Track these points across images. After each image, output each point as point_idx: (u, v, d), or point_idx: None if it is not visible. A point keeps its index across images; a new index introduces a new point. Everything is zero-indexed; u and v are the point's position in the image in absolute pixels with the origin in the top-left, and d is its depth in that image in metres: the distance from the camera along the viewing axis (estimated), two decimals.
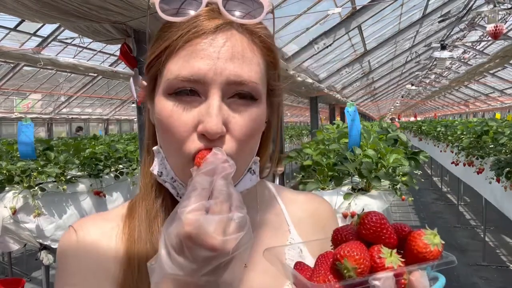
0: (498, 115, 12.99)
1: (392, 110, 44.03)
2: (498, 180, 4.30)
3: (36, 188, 3.13)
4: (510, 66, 13.80)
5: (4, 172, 3.19)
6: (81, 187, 3.68)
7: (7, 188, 3.15)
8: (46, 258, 3.18)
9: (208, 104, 0.56)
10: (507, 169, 4.11)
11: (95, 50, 10.45)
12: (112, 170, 4.40)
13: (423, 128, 12.27)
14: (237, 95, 0.57)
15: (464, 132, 6.66)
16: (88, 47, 9.59)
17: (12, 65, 10.39)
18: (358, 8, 6.81)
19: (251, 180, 0.63)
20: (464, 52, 14.95)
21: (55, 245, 3.15)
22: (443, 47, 10.28)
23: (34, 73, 12.12)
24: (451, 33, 11.12)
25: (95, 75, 11.96)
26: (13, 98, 14.47)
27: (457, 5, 8.54)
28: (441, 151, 8.48)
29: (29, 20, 2.68)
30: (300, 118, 35.80)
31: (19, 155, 3.45)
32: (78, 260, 0.64)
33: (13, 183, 3.17)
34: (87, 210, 3.68)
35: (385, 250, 0.47)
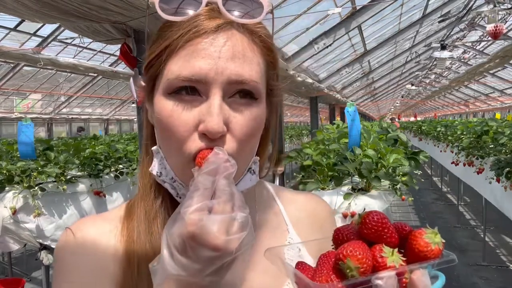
0: (498, 115, 12.98)
1: (392, 110, 44.01)
2: (498, 180, 4.30)
3: (36, 188, 3.13)
4: (510, 66, 13.80)
5: (4, 172, 3.18)
6: (81, 187, 3.67)
7: (7, 188, 3.15)
8: (46, 258, 3.18)
9: (209, 103, 0.55)
10: (507, 169, 4.11)
11: (95, 50, 10.44)
12: (112, 170, 4.39)
13: (423, 128, 12.26)
14: (237, 95, 0.57)
15: (464, 132, 6.66)
16: (88, 47, 9.58)
17: (12, 65, 10.38)
18: (358, 8, 6.80)
19: (251, 180, 0.63)
20: (464, 52, 14.95)
21: (55, 245, 3.14)
22: (443, 47, 10.28)
23: (34, 73, 12.12)
24: (451, 33, 11.12)
25: (95, 75, 11.96)
26: (13, 98, 14.46)
27: (457, 5, 8.53)
28: (441, 151, 8.48)
29: (29, 20, 2.68)
30: (300, 118, 35.78)
31: (19, 155, 3.44)
32: (75, 258, 0.64)
33: (13, 183, 3.16)
34: (87, 210, 3.67)
35: (386, 249, 0.47)
